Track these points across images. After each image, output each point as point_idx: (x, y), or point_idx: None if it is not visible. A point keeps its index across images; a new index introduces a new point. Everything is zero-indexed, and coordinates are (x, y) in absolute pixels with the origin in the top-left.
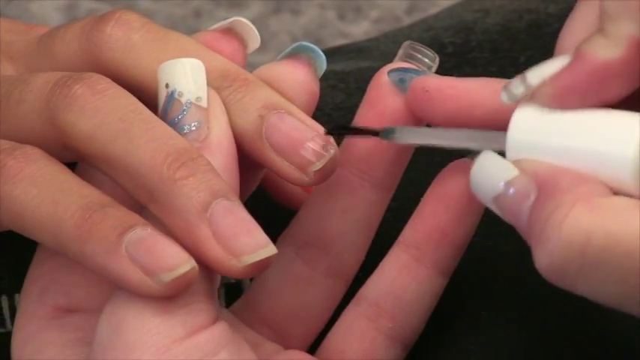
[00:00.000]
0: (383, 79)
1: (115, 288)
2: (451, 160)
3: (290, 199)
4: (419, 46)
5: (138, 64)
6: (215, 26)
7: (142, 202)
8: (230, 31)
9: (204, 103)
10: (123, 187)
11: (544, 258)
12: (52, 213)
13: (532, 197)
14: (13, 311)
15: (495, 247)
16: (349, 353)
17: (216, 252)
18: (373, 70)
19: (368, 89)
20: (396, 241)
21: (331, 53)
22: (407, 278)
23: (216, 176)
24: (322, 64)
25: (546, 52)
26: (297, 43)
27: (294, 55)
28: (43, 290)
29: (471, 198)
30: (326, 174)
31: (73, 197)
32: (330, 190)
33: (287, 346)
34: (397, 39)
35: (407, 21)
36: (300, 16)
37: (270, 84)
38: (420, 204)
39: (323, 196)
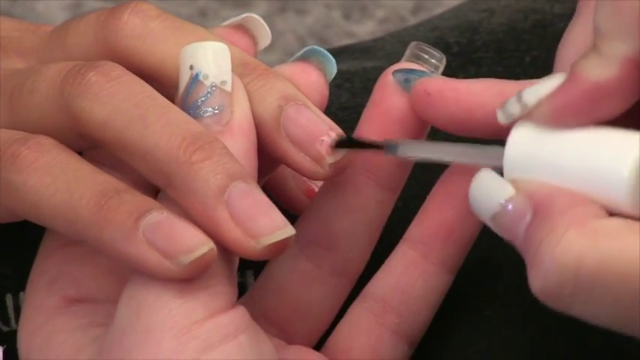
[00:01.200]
0: (388, 79)
1: (132, 273)
2: None
3: (293, 204)
4: (426, 47)
5: (155, 50)
6: (227, 22)
7: (159, 186)
8: (242, 27)
9: (228, 87)
10: (139, 172)
11: (537, 281)
12: (67, 200)
13: (528, 217)
14: (17, 310)
15: (500, 246)
16: (355, 349)
17: (234, 234)
18: (378, 70)
19: (374, 89)
20: (403, 238)
21: (337, 53)
22: (414, 274)
23: (232, 159)
24: (332, 68)
25: (551, 52)
26: (309, 47)
27: (305, 58)
28: (51, 281)
29: None
30: (340, 168)
31: (88, 184)
32: (336, 189)
33: (291, 344)
34: (402, 39)
35: (412, 21)
36: (305, 15)
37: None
38: (427, 201)
39: (329, 195)
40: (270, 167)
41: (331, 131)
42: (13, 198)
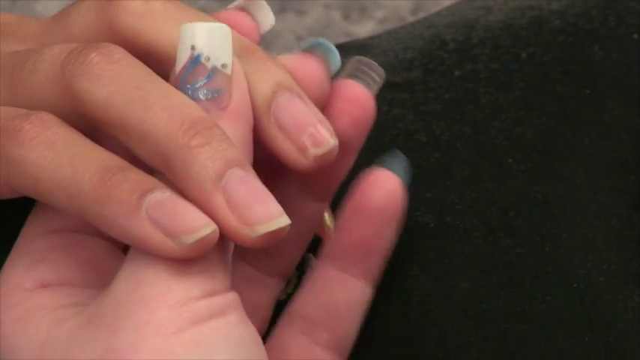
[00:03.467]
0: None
1: (131, 250)
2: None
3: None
4: (366, 61)
5: (156, 29)
6: (231, 5)
7: (157, 169)
8: (243, 10)
9: (228, 71)
10: (138, 154)
11: None
12: (69, 176)
13: None
14: None
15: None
16: None
17: (230, 221)
18: None
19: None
20: (322, 255)
21: None
22: (336, 290)
23: (231, 146)
24: (336, 62)
25: (547, 49)
26: (314, 39)
27: (309, 50)
28: (31, 265)
29: (391, 207)
30: (324, 162)
31: (92, 160)
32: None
33: None
34: (399, 36)
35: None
36: (304, 16)
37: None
38: (342, 217)
39: None
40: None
41: (319, 125)
42: (14, 172)
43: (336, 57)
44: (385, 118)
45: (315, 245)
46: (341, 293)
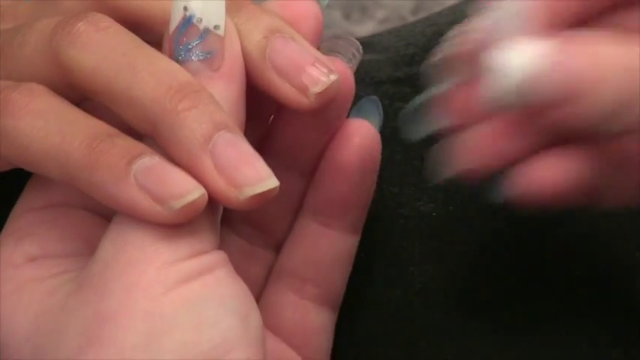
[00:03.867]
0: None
1: (117, 214)
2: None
3: None
4: (342, 36)
5: None
6: None
7: (146, 134)
8: None
9: (221, 32)
10: (127, 120)
11: None
12: (58, 144)
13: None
14: None
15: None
16: (284, 325)
17: (217, 184)
18: (374, 63)
19: None
20: (302, 211)
21: None
22: (321, 244)
23: (218, 108)
24: None
25: None
26: None
27: None
28: (17, 242)
29: (367, 159)
30: (326, 98)
31: (80, 127)
32: None
33: None
34: (400, 34)
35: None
36: None
37: (276, 12)
38: (319, 173)
39: None
40: (267, 111)
41: (317, 62)
42: (4, 143)
43: None
44: (387, 112)
45: None
46: (325, 247)
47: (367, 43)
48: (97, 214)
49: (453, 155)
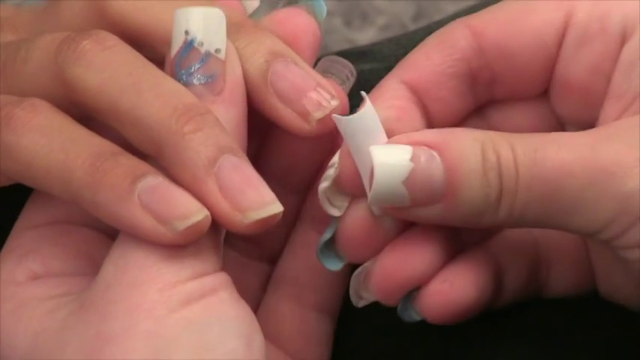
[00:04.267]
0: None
1: (120, 234)
2: None
3: None
4: (336, 59)
5: (148, 13)
6: None
7: (149, 155)
8: None
9: (222, 55)
10: (131, 140)
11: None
12: (62, 161)
13: (438, 158)
14: None
15: None
16: (284, 334)
17: (222, 207)
18: (375, 72)
19: None
20: (300, 221)
21: None
22: None
23: (223, 132)
24: (321, 11)
25: None
26: None
27: (292, 3)
28: (20, 258)
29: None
30: (327, 124)
31: (84, 145)
32: None
33: None
34: (400, 42)
35: (413, 28)
36: None
37: (274, 29)
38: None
39: None
40: (263, 131)
41: (319, 87)
42: (7, 159)
43: (321, 5)
44: None
45: None
46: None
47: (368, 52)
48: (100, 232)
49: (364, 284)
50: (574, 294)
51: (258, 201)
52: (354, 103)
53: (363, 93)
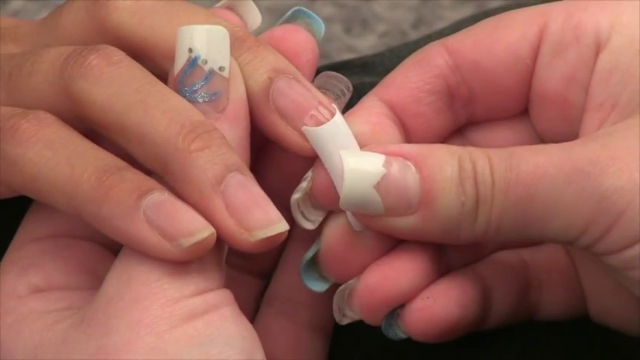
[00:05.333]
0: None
1: (123, 248)
2: None
3: None
4: (332, 75)
5: (146, 25)
6: (217, 5)
7: (156, 172)
8: (230, 9)
9: (226, 73)
10: (136, 157)
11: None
12: (67, 175)
13: (413, 167)
14: None
15: None
16: (278, 352)
17: (228, 225)
18: (375, 85)
19: None
20: (292, 238)
21: (336, 68)
22: None
23: (230, 150)
24: (320, 28)
25: None
26: (295, 8)
27: (292, 21)
28: (21, 271)
29: None
30: None
31: (90, 160)
32: None
33: None
34: (402, 54)
35: (413, 35)
36: None
37: (272, 45)
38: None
39: None
40: (258, 147)
41: (320, 106)
42: (12, 171)
43: (318, 22)
44: None
45: None
46: None
47: (369, 63)
48: (102, 246)
49: (348, 302)
50: (566, 317)
51: (264, 220)
52: None
53: (333, 105)
